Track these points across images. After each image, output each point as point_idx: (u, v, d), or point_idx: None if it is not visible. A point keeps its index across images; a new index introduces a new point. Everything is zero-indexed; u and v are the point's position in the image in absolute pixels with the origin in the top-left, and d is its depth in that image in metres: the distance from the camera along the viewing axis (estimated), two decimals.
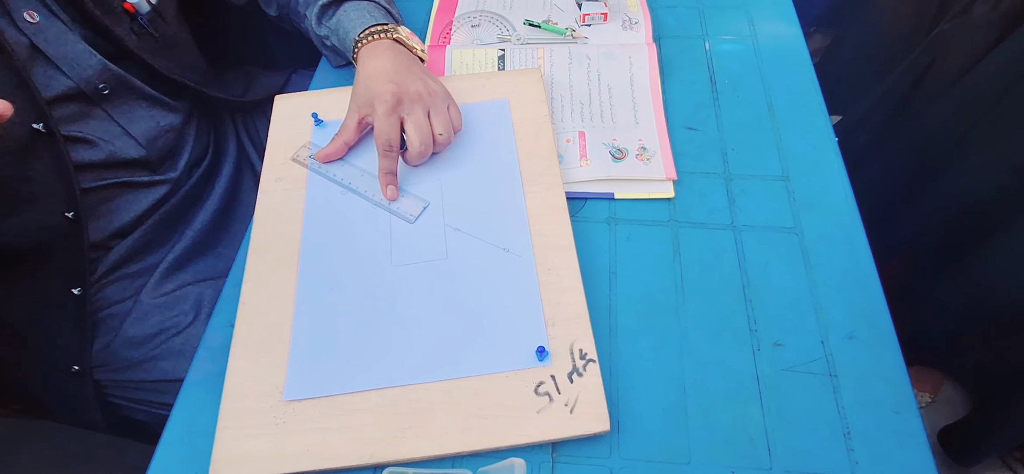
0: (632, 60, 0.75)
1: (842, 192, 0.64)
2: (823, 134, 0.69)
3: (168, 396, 0.69)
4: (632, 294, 0.57)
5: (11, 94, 0.56)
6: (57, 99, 0.60)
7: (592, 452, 0.49)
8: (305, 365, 0.52)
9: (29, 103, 0.57)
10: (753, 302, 0.57)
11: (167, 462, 0.50)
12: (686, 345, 0.54)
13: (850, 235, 0.60)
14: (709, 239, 0.61)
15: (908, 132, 0.99)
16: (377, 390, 0.50)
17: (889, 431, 0.49)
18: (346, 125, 0.64)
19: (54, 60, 0.59)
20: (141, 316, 0.69)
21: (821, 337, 0.54)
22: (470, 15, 0.84)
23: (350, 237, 0.60)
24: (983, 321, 0.83)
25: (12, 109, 0.50)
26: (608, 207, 0.64)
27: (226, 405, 0.50)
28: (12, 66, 0.56)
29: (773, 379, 0.52)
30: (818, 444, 0.49)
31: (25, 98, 0.57)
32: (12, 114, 0.48)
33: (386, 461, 0.47)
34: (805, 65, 0.77)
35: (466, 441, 0.48)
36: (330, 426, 0.49)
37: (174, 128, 0.72)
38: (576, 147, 0.67)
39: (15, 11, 0.57)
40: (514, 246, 0.58)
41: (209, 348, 0.56)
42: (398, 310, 0.55)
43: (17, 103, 0.56)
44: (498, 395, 0.49)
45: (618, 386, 0.52)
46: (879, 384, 0.51)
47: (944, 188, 0.89)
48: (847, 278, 0.58)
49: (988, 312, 0.82)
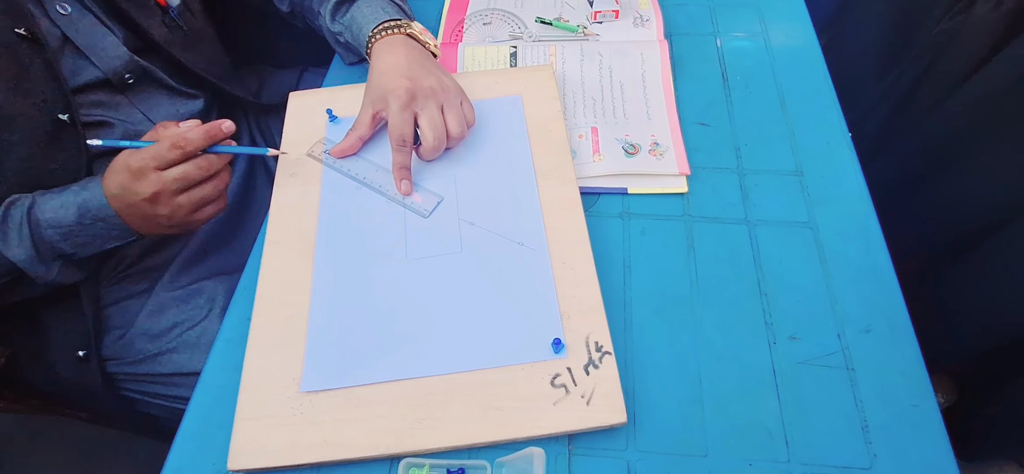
0: (644, 56, 0.75)
1: (856, 186, 0.64)
2: (836, 129, 0.69)
3: (182, 389, 0.70)
4: (647, 288, 0.57)
5: (42, 84, 0.57)
6: (84, 87, 0.61)
7: (609, 444, 0.49)
8: (322, 357, 0.52)
9: (57, 94, 0.58)
10: (768, 296, 0.56)
11: (186, 453, 0.50)
12: (701, 338, 0.54)
13: (865, 229, 0.60)
14: (723, 233, 0.61)
15: (910, 132, 0.98)
16: (393, 382, 0.50)
17: (907, 424, 0.49)
18: (360, 120, 0.64)
19: (84, 50, 0.61)
20: (156, 309, 0.70)
21: (837, 331, 0.54)
22: (482, 13, 0.84)
23: (365, 231, 0.60)
24: (991, 321, 0.83)
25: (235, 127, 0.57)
26: (622, 202, 0.64)
27: (244, 396, 0.50)
28: (45, 58, 0.57)
29: (790, 372, 0.52)
30: (836, 437, 0.49)
31: (54, 89, 0.58)
32: (43, 103, 0.50)
33: (403, 452, 0.47)
34: (817, 61, 0.76)
35: (482, 432, 0.48)
36: (347, 417, 0.49)
37: (194, 117, 0.73)
38: (589, 142, 0.67)
39: (49, 3, 0.58)
40: (529, 240, 0.58)
41: (226, 341, 0.56)
42: (413, 303, 0.55)
43: (46, 94, 0.57)
44: (514, 387, 0.50)
45: (634, 379, 0.52)
46: (896, 377, 0.51)
47: (948, 188, 0.89)
48: (862, 272, 0.57)
49: (996, 312, 0.81)
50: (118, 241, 0.59)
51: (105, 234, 0.58)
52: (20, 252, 0.56)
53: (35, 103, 0.57)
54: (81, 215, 0.56)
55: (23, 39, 0.56)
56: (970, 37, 0.85)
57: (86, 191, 0.57)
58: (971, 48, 0.84)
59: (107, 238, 0.58)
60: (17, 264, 0.56)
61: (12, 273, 0.57)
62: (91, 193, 0.56)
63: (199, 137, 0.56)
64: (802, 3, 0.85)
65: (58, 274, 0.59)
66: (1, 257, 0.56)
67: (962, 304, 0.86)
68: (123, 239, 0.59)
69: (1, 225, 0.55)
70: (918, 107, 0.96)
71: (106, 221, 0.57)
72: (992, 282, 0.80)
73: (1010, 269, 0.78)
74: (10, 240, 0.56)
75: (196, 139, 0.56)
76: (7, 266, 0.56)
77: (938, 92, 0.91)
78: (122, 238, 0.59)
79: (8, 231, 0.56)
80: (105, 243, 0.59)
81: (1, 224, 0.55)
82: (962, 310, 0.87)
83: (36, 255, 0.56)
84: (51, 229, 0.56)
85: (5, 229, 0.55)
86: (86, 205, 0.56)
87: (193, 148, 0.56)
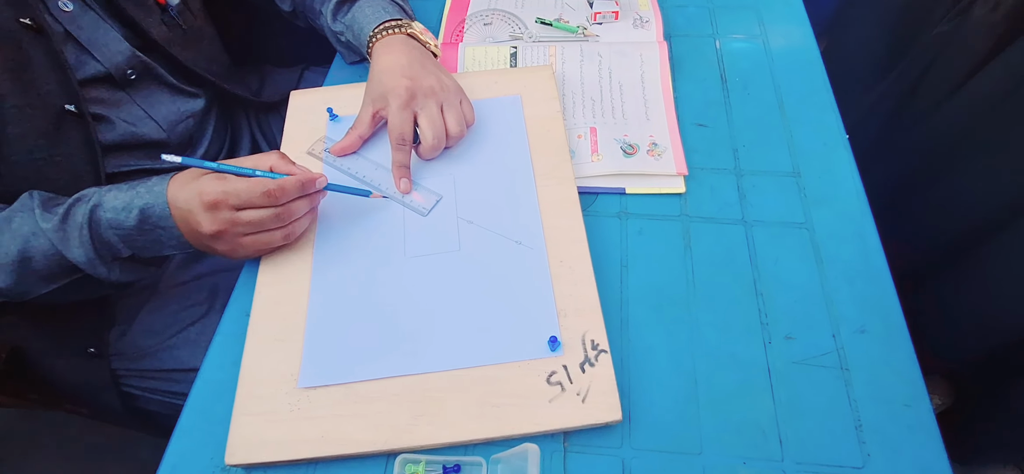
0: (643, 57, 0.76)
1: (853, 188, 0.64)
2: (834, 131, 0.69)
3: (182, 385, 0.70)
4: (643, 287, 0.58)
5: (46, 75, 0.57)
6: (85, 82, 0.62)
7: (604, 442, 0.49)
8: (320, 353, 0.52)
9: (63, 84, 0.58)
10: (764, 296, 0.57)
11: (183, 447, 0.50)
12: (697, 338, 0.55)
13: (861, 230, 0.61)
14: (720, 234, 0.61)
15: (908, 134, 0.99)
16: (391, 378, 0.51)
17: (901, 424, 0.49)
18: (360, 119, 0.65)
19: (86, 46, 0.61)
20: (158, 305, 0.70)
21: (832, 331, 0.54)
22: (482, 13, 0.85)
23: (364, 229, 0.60)
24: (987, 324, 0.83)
25: (327, 180, 0.54)
26: (619, 202, 0.64)
27: (242, 391, 0.50)
28: (50, 48, 0.57)
29: (784, 372, 0.52)
30: (830, 436, 0.49)
31: (60, 79, 0.58)
32: (46, 94, 0.49)
33: (400, 448, 0.48)
34: (816, 63, 0.77)
35: (479, 429, 0.48)
36: (344, 413, 0.49)
37: (195, 114, 0.74)
38: (587, 142, 0.68)
39: (50, 0, 0.59)
40: (526, 239, 0.58)
41: (224, 337, 0.56)
42: (411, 300, 0.55)
43: (50, 85, 0.57)
44: (511, 384, 0.50)
45: (629, 377, 0.52)
46: (891, 377, 0.51)
47: (945, 191, 0.89)
48: (858, 273, 0.58)
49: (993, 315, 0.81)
50: (175, 251, 0.57)
51: (164, 242, 0.56)
52: (80, 254, 0.53)
53: (38, 94, 0.57)
54: (142, 220, 0.54)
55: (27, 29, 0.56)
56: (968, 40, 0.85)
57: (150, 195, 0.54)
58: (969, 51, 0.84)
59: (165, 246, 0.56)
60: (78, 265, 0.54)
61: (75, 273, 0.55)
62: (154, 198, 0.54)
63: (293, 189, 0.53)
64: (801, 6, 0.85)
65: (121, 274, 0.57)
66: (62, 258, 0.53)
67: (958, 307, 0.87)
68: (180, 250, 0.57)
69: (62, 224, 0.53)
70: (916, 109, 0.96)
71: (166, 230, 0.55)
72: (988, 285, 0.81)
73: (1006, 272, 0.78)
74: (70, 241, 0.53)
75: (290, 191, 0.53)
76: (68, 266, 0.54)
77: (936, 95, 0.91)
78: (179, 249, 0.57)
79: (69, 231, 0.53)
80: (163, 250, 0.57)
81: (62, 223, 0.53)
82: (959, 313, 0.87)
83: (96, 257, 0.54)
84: (111, 230, 0.54)
85: (65, 229, 0.53)
86: (148, 210, 0.54)
87: (285, 200, 0.53)
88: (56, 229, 0.53)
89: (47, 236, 0.53)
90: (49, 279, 0.55)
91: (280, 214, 0.54)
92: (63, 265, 0.54)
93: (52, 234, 0.53)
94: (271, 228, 0.54)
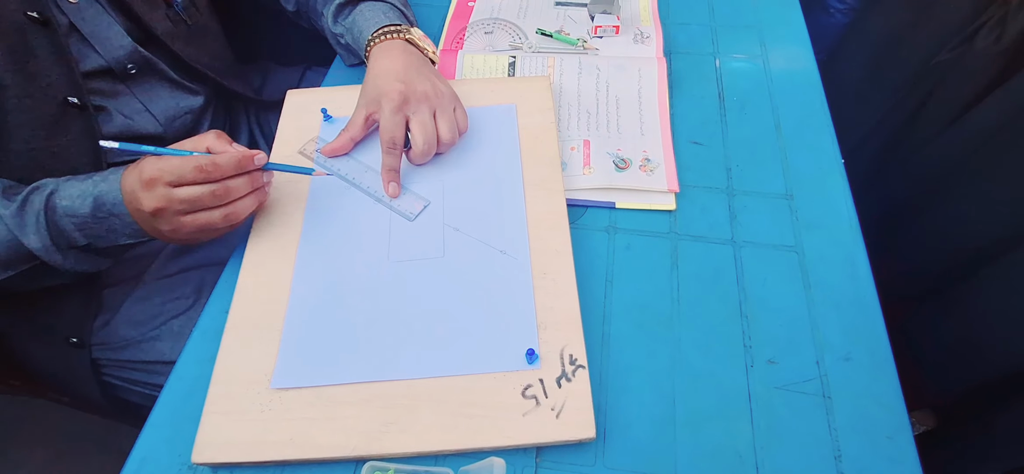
0: (641, 73, 0.75)
1: (846, 213, 0.63)
2: (830, 155, 0.68)
3: (163, 378, 0.69)
4: (627, 303, 0.57)
5: (49, 67, 0.58)
6: (87, 74, 0.62)
7: (576, 459, 0.48)
8: (295, 354, 0.52)
9: (67, 76, 0.59)
10: (749, 318, 0.56)
11: (153, 442, 0.50)
12: (679, 357, 0.54)
13: (851, 256, 0.60)
14: (708, 253, 0.60)
15: (905, 162, 0.98)
16: (364, 383, 0.50)
17: (882, 456, 0.48)
18: (353, 121, 0.65)
19: (89, 39, 0.62)
20: (144, 296, 0.70)
21: (816, 357, 0.53)
22: (484, 22, 0.85)
23: (350, 231, 0.60)
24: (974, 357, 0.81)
25: (267, 158, 0.55)
26: (609, 216, 0.64)
27: (214, 389, 0.50)
28: (56, 40, 0.58)
29: (765, 397, 0.51)
30: (807, 465, 0.48)
31: (63, 71, 0.58)
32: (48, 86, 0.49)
33: (368, 455, 0.47)
34: (815, 86, 0.76)
35: (450, 439, 0.47)
36: (315, 416, 0.49)
37: (193, 111, 0.74)
38: (580, 155, 0.67)
39: None
40: (511, 249, 0.58)
41: (202, 332, 0.56)
42: (392, 305, 0.55)
43: (52, 77, 0.58)
44: (485, 395, 0.49)
45: (607, 394, 0.52)
46: (873, 407, 0.50)
47: (940, 220, 0.87)
48: (846, 299, 0.57)
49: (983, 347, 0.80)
50: (131, 239, 0.57)
51: (119, 230, 0.56)
52: (35, 240, 0.54)
53: (41, 85, 0.58)
54: (96, 208, 0.54)
55: (33, 22, 0.56)
56: (968, 70, 0.84)
57: (105, 183, 0.54)
58: (970, 81, 0.83)
59: (120, 234, 0.56)
60: (34, 252, 0.54)
61: (32, 261, 0.56)
62: (109, 186, 0.54)
63: (228, 165, 0.53)
64: (804, 27, 0.84)
65: (77, 263, 0.57)
66: (19, 244, 0.54)
67: (948, 338, 0.85)
68: (135, 238, 0.57)
69: (20, 211, 0.54)
70: (914, 136, 0.95)
71: (119, 218, 0.55)
72: (979, 317, 0.79)
73: (997, 304, 0.77)
74: (27, 228, 0.54)
75: (224, 167, 0.53)
76: (25, 253, 0.54)
77: (935, 123, 0.90)
78: (134, 237, 0.57)
79: (26, 218, 0.54)
80: (118, 238, 0.57)
81: (20, 210, 0.54)
82: (948, 344, 0.85)
83: (52, 244, 0.55)
84: (67, 218, 0.54)
85: (23, 216, 0.54)
86: (102, 198, 0.54)
87: (219, 176, 0.53)
88: (13, 215, 0.54)
89: (4, 222, 0.53)
90: (5, 265, 0.56)
91: (217, 192, 0.53)
92: (20, 252, 0.54)
93: (9, 220, 0.53)
94: (209, 206, 0.53)
